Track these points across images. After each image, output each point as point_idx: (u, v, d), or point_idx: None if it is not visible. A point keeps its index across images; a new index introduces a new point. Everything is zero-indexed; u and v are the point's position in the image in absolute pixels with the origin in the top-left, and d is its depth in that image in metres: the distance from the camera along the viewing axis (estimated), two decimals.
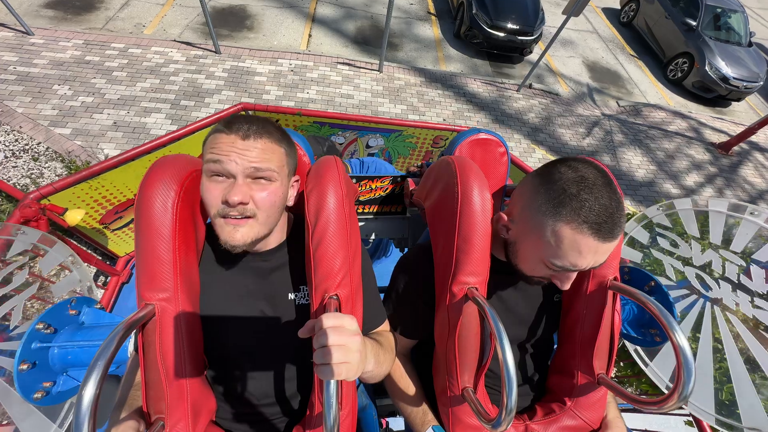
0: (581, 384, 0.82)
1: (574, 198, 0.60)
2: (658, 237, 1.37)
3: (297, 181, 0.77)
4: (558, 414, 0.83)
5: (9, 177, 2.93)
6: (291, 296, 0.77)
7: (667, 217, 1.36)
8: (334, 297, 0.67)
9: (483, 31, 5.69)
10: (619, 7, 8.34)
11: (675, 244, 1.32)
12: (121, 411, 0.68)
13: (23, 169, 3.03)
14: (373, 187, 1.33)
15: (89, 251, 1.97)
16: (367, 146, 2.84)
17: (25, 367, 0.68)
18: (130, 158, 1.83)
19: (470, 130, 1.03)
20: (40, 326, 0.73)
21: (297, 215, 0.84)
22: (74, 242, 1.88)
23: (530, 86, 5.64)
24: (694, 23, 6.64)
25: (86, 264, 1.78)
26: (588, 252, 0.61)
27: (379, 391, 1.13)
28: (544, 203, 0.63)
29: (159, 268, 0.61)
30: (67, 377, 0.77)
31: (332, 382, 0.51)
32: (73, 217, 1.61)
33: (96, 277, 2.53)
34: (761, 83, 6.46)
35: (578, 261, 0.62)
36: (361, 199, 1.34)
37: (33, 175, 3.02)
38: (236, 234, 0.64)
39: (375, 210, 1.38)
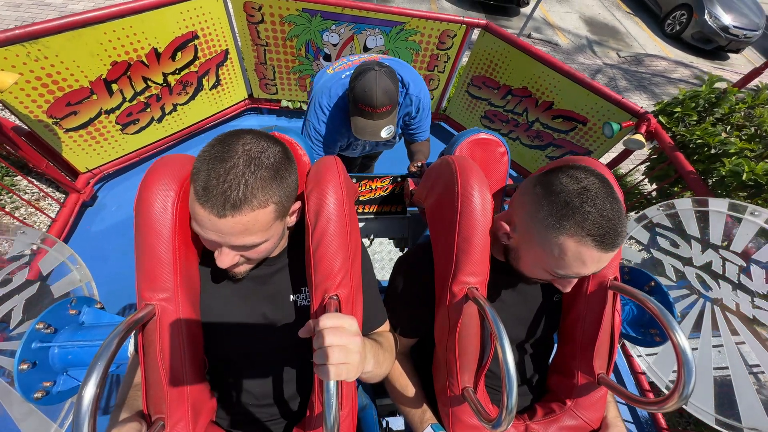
0: (581, 384, 0.82)
1: (577, 211, 0.60)
2: (658, 237, 1.37)
3: (298, 208, 0.70)
4: (558, 414, 0.83)
5: None
6: (292, 297, 0.77)
7: (667, 218, 1.36)
8: (334, 297, 0.67)
9: None
10: None
11: (675, 244, 1.32)
12: (121, 411, 0.68)
13: None
14: (373, 187, 1.33)
15: (40, 153, 1.64)
16: (365, 48, 2.44)
17: (25, 366, 0.68)
18: (78, 24, 1.51)
19: (470, 130, 1.03)
20: (40, 326, 0.73)
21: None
22: (18, 136, 1.54)
23: (529, 36, 5.63)
24: None
25: (35, 169, 1.58)
26: (592, 262, 0.62)
27: (379, 391, 1.14)
28: (548, 216, 0.63)
29: (159, 268, 0.61)
30: (67, 377, 0.77)
31: (332, 382, 0.51)
32: (4, 79, 1.26)
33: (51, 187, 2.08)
34: (760, 32, 6.45)
35: (582, 270, 0.64)
36: (361, 199, 1.34)
37: None
38: (234, 271, 0.68)
39: (375, 210, 1.38)
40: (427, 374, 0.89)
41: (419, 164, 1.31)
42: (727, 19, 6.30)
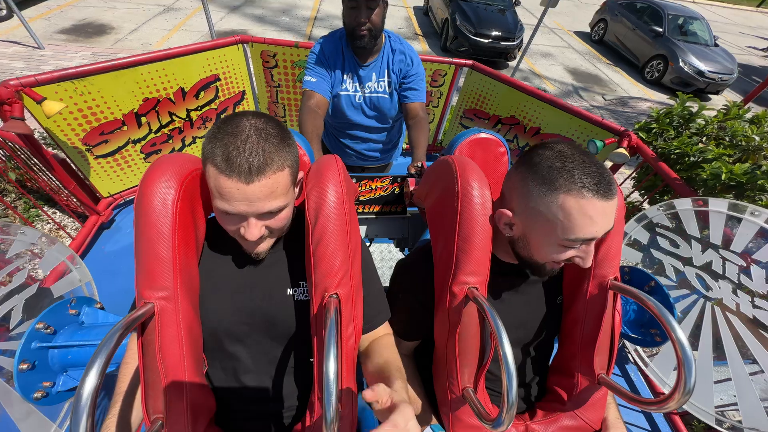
0: (581, 384, 0.82)
1: (562, 170, 0.62)
2: (658, 237, 1.37)
3: (302, 178, 0.74)
4: (558, 414, 0.83)
5: None
6: (289, 291, 0.77)
7: (667, 218, 1.36)
8: (334, 296, 0.67)
9: (468, 39, 6.43)
10: (589, 30, 9.54)
11: (675, 244, 1.32)
12: (116, 408, 0.67)
13: None
14: (373, 187, 1.33)
15: (71, 177, 1.84)
16: None
17: (25, 366, 0.68)
18: (122, 66, 1.81)
19: (470, 130, 1.03)
20: (40, 326, 0.73)
21: (296, 209, 0.84)
22: (52, 156, 1.74)
23: None
24: (660, 29, 7.56)
25: (66, 191, 1.79)
26: (597, 215, 0.61)
27: None
28: (538, 185, 0.65)
29: (158, 266, 0.61)
30: (67, 377, 0.78)
31: (332, 380, 0.51)
32: (52, 107, 1.45)
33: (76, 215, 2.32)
34: (736, 76, 7.13)
35: (592, 228, 0.63)
36: (361, 199, 1.34)
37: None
38: (257, 249, 0.70)
39: (375, 210, 1.38)
40: (427, 374, 0.89)
41: (419, 164, 1.31)
42: (701, 65, 6.95)
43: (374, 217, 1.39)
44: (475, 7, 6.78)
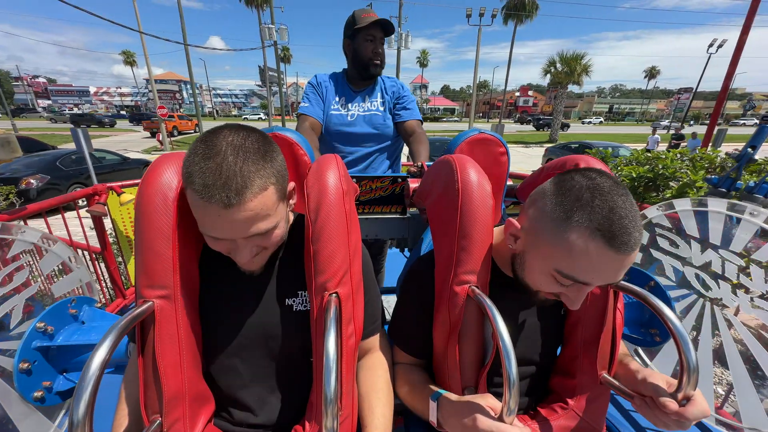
0: (583, 384, 0.81)
1: (587, 204, 0.57)
2: (657, 237, 1.37)
3: (293, 188, 0.71)
4: (559, 414, 0.82)
5: None
6: (288, 302, 0.76)
7: (667, 218, 1.36)
8: (334, 295, 0.67)
9: None
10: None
11: (674, 244, 1.32)
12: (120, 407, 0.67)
13: None
14: (373, 187, 1.33)
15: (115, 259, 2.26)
16: None
17: (25, 366, 0.68)
18: None
19: (470, 130, 1.04)
20: (41, 326, 0.73)
21: (296, 215, 0.84)
22: (111, 241, 2.22)
23: None
24: None
25: (107, 269, 2.20)
26: (601, 263, 0.56)
27: None
28: (556, 209, 0.60)
29: (158, 265, 0.61)
30: (66, 377, 0.77)
31: (332, 382, 0.51)
32: (126, 197, 2.12)
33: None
34: None
35: (589, 273, 0.58)
36: (361, 199, 1.34)
37: None
38: (252, 267, 0.69)
39: (375, 210, 1.38)
40: (429, 375, 0.88)
41: (419, 164, 1.32)
42: None
43: (374, 217, 1.39)
44: None
